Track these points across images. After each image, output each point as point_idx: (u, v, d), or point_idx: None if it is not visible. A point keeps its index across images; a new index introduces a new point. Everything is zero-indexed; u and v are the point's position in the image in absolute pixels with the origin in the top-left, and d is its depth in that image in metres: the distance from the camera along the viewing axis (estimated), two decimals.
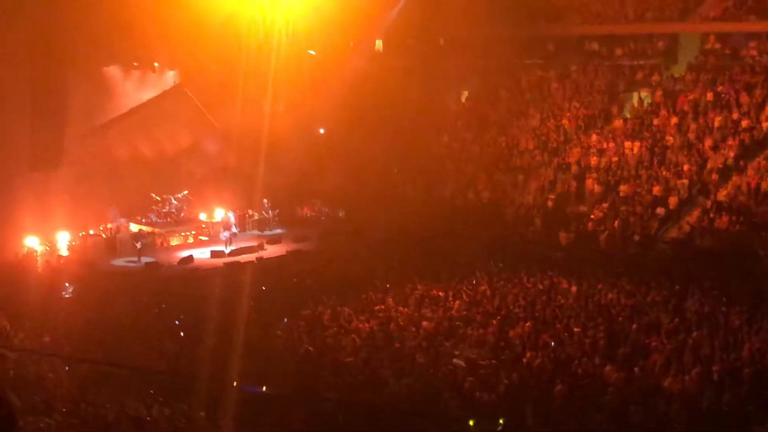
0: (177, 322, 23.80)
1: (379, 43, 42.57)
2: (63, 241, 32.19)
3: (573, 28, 43.62)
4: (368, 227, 34.84)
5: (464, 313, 22.89)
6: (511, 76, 44.09)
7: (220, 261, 31.96)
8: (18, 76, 29.90)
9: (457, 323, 21.96)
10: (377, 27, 41.22)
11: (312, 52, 38.87)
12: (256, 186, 37.14)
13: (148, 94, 38.60)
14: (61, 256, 31.44)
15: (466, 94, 45.67)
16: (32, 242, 30.93)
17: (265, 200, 38.29)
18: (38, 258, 30.65)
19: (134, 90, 38.08)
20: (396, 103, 40.58)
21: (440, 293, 25.42)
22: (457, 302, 23.91)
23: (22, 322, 22.15)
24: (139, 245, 32.24)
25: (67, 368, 16.95)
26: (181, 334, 22.44)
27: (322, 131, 43.59)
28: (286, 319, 23.47)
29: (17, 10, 29.09)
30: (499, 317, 22.13)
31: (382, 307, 24.14)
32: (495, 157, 39.71)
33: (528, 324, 21.20)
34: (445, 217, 35.27)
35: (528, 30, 42.31)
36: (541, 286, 25.85)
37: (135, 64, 37.59)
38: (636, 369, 17.94)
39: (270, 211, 38.40)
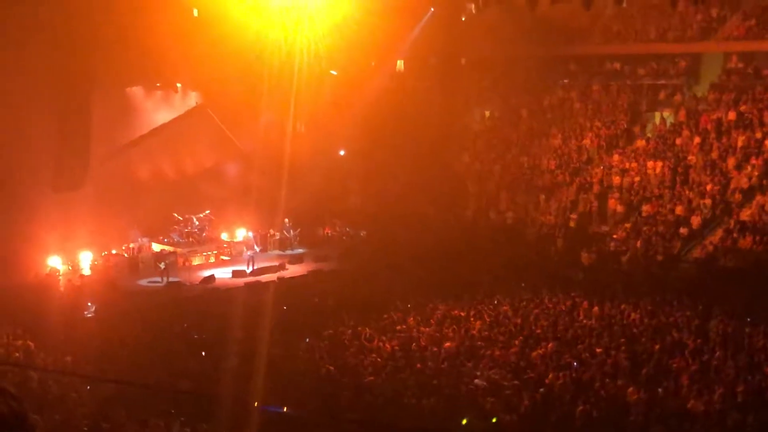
0: (195, 336, 23.92)
1: (400, 63, 42.63)
2: (86, 260, 32.35)
3: (595, 47, 43.63)
4: (389, 247, 34.86)
5: (486, 333, 22.86)
6: (532, 96, 44.10)
7: (241, 281, 32.03)
8: (42, 97, 30.16)
9: (479, 343, 21.92)
10: (398, 47, 41.32)
11: (333, 73, 39.02)
12: (278, 206, 37.23)
13: (170, 114, 38.82)
14: (84, 275, 31.56)
15: (487, 113, 45.71)
16: (55, 262, 31.11)
17: (286, 220, 38.40)
18: (61, 277, 30.79)
19: (157, 110, 38.30)
20: (417, 123, 40.64)
21: (462, 313, 25.41)
22: (479, 322, 23.89)
23: (45, 341, 22.27)
24: (162, 265, 32.35)
25: (88, 387, 17.04)
26: (203, 353, 22.51)
27: (342, 153, 43.68)
28: (307, 339, 23.51)
29: (41, 32, 29.41)
30: (521, 338, 22.08)
31: (404, 327, 24.15)
32: (517, 177, 39.70)
33: (550, 344, 21.14)
34: (467, 236, 35.25)
35: (549, 50, 42.33)
36: (563, 307, 25.78)
37: (158, 84, 37.85)
38: (659, 390, 17.83)
39: (291, 231, 38.51)
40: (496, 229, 36.54)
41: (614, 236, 33.63)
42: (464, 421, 13.17)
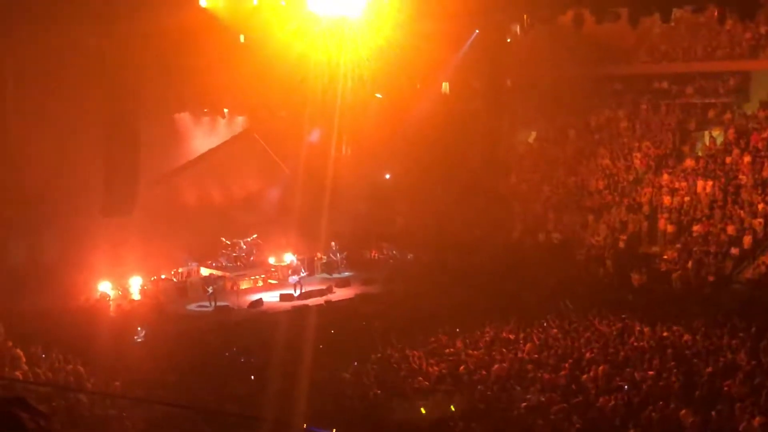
0: (242, 360, 24.05)
1: (445, 86, 42.69)
2: (135, 285, 32.65)
3: (641, 66, 43.32)
4: (437, 269, 34.80)
5: (535, 356, 22.70)
6: (579, 117, 43.88)
7: (289, 304, 32.13)
8: (91, 123, 30.65)
9: (528, 367, 21.77)
10: (443, 70, 41.40)
11: (378, 96, 39.18)
12: (324, 229, 37.38)
13: (217, 139, 39.23)
14: (133, 300, 31.89)
15: (533, 134, 45.56)
16: (105, 287, 31.45)
17: (333, 243, 38.49)
18: (111, 302, 31.11)
19: (204, 136, 38.75)
20: (463, 145, 40.65)
21: (510, 336, 25.27)
22: (528, 345, 23.73)
23: (95, 365, 22.51)
24: (210, 290, 32.54)
25: (137, 410, 17.16)
26: (251, 377, 22.62)
27: (388, 176, 43.78)
28: (355, 363, 23.51)
29: (91, 59, 29.92)
30: (570, 360, 21.89)
31: (452, 350, 24.06)
32: (564, 198, 39.46)
33: (601, 367, 20.91)
34: (514, 258, 35.08)
35: (596, 70, 42.13)
36: (613, 329, 25.50)
37: (205, 110, 38.29)
38: (712, 413, 17.55)
39: (338, 254, 38.57)
40: (543, 250, 36.33)
41: (665, 257, 33.26)
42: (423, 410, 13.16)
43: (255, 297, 33.07)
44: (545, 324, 26.59)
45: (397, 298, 32.20)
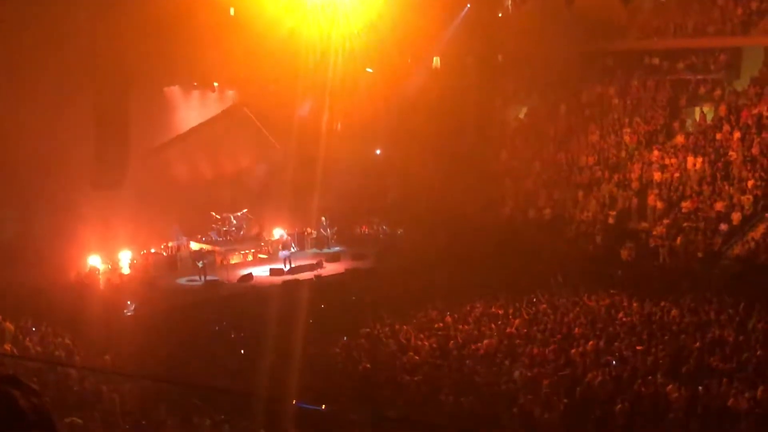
0: (232, 335, 24.12)
1: (436, 60, 42.56)
2: (125, 259, 32.67)
3: (633, 43, 43.19)
4: (427, 245, 34.83)
5: (524, 331, 22.80)
6: (570, 92, 43.79)
7: (279, 279, 32.18)
8: (81, 96, 30.49)
9: (517, 341, 21.86)
10: (435, 44, 41.28)
11: (369, 70, 39.06)
12: (315, 204, 37.35)
13: (207, 113, 39.09)
14: (123, 274, 31.89)
15: (525, 110, 45.48)
16: (95, 261, 31.42)
17: (323, 218, 38.50)
18: (101, 276, 31.11)
19: (194, 110, 38.61)
20: (454, 120, 40.56)
21: (500, 311, 25.37)
22: (517, 320, 23.83)
23: (84, 340, 22.53)
24: (200, 264, 32.54)
25: (128, 386, 17.19)
26: (241, 351, 22.67)
27: (378, 151, 43.71)
28: (345, 338, 23.58)
29: (79, 31, 29.73)
30: (559, 335, 21.99)
31: (441, 325, 24.14)
32: (555, 174, 39.45)
33: (590, 342, 21.03)
34: (505, 234, 35.11)
35: (587, 46, 42.03)
36: (602, 304, 25.62)
37: (195, 84, 38.13)
38: (699, 388, 17.67)
39: (328, 230, 38.59)
40: (534, 226, 36.37)
41: (654, 233, 33.34)
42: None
43: (245, 271, 33.11)
44: (534, 299, 26.69)
45: (388, 273, 32.28)
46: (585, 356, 20.20)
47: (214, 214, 37.19)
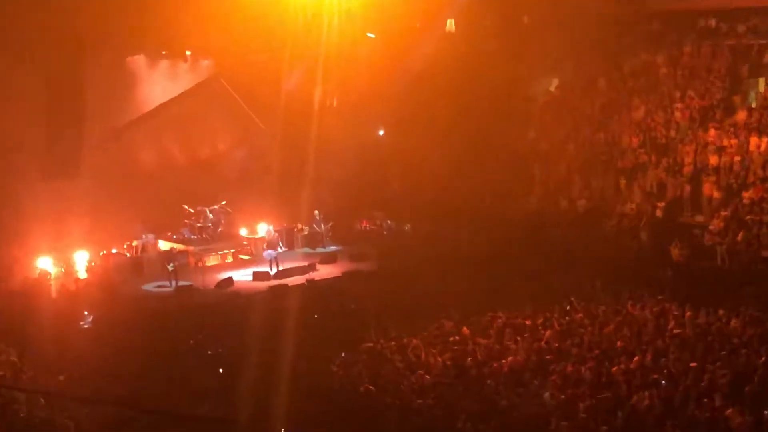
0: (209, 351, 24.13)
1: (450, 23, 42.52)
2: (81, 261, 32.68)
3: (685, 2, 43.09)
4: (439, 243, 34.81)
5: (556, 345, 22.76)
6: (610, 61, 43.70)
7: (264, 284, 32.21)
8: (28, 66, 30.48)
9: (548, 357, 21.84)
10: (449, 4, 41.24)
11: (370, 36, 39.03)
12: (306, 195, 37.37)
13: (179, 88, 39.09)
14: (80, 279, 31.90)
15: (556, 82, 45.38)
16: (46, 263, 31.44)
17: (316, 212, 38.48)
18: (53, 282, 31.12)
19: (163, 83, 38.61)
20: (471, 95, 40.52)
21: (527, 321, 25.31)
22: (548, 332, 23.78)
23: (34, 357, 22.53)
24: (170, 267, 32.58)
25: (85, 411, 17.20)
26: (220, 370, 22.68)
27: (381, 132, 43.68)
28: (343, 354, 23.58)
29: None
30: (598, 350, 21.97)
31: (457, 338, 24.11)
32: (592, 158, 39.38)
33: (635, 358, 21.00)
34: (532, 230, 35.06)
35: (631, 5, 41.93)
36: (648, 313, 25.56)
37: (163, 53, 38.12)
38: (765, 412, 17.65)
39: (322, 225, 38.58)
40: (567, 220, 36.32)
41: (710, 228, 33.28)
42: None
43: (224, 275, 33.13)
44: (568, 307, 26.63)
45: (393, 276, 32.25)
46: (628, 375, 20.17)
47: (186, 207, 37.22)
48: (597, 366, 20.77)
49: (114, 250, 34.57)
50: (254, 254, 36.55)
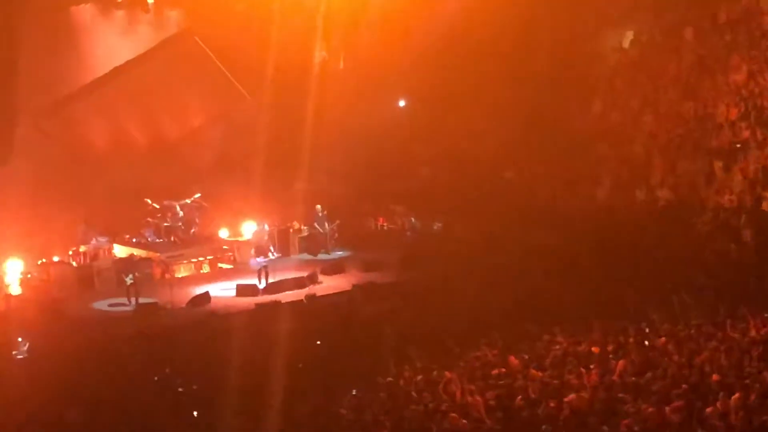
0: (180, 388, 24.14)
1: None
2: (13, 273, 32.72)
3: None
4: (477, 247, 34.79)
5: (632, 379, 22.69)
6: (700, 7, 43.63)
7: (250, 301, 32.16)
8: None
9: (621, 395, 21.76)
10: None
11: None
12: (304, 185, 37.37)
13: (139, 46, 39.06)
14: (11, 295, 31.92)
15: (630, 36, 45.30)
16: None
17: (318, 207, 38.47)
18: None
19: (118, 41, 38.57)
20: (520, 55, 40.49)
21: (594, 348, 25.25)
22: (621, 362, 23.70)
23: None
24: (129, 279, 32.51)
25: None
26: (194, 413, 22.68)
27: (402, 104, 43.67)
28: (354, 391, 23.56)
29: None
30: (687, 385, 21.88)
31: (504, 370, 24.06)
32: (677, 135, 39.31)
33: (735, 395, 20.91)
34: (600, 228, 35.05)
35: None
36: (755, 335, 25.47)
37: (118, 1, 38.08)
38: None
39: (326, 224, 38.56)
40: (645, 215, 36.26)
41: None
42: None
43: (199, 290, 33.13)
44: (647, 329, 26.57)
45: (418, 290, 32.21)
46: (727, 418, 20.09)
47: (149, 202, 37.24)
48: (685, 406, 20.68)
49: (56, 258, 34.58)
50: (238, 262, 36.55)
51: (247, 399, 21.74)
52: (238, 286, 33.54)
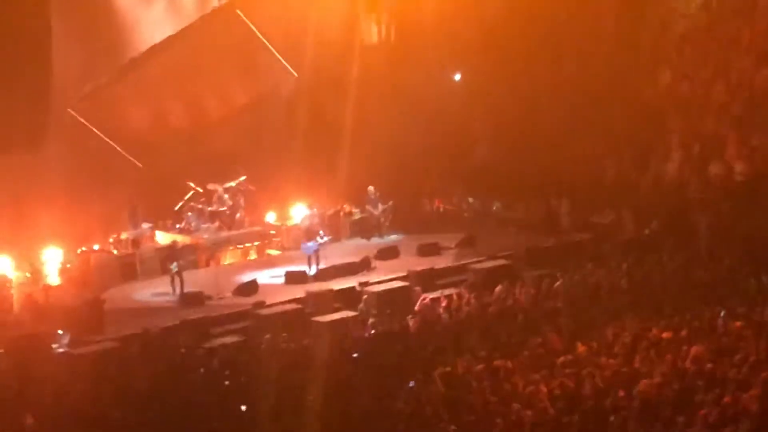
0: (227, 383, 24.13)
1: None
2: (52, 262, 32.84)
3: None
4: (541, 227, 34.69)
5: (708, 366, 22.56)
6: None
7: (300, 289, 32.11)
8: None
9: (697, 383, 21.65)
10: None
11: None
12: (355, 166, 37.35)
13: (178, 23, 39.06)
14: (50, 286, 32.01)
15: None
16: (4, 265, 31.64)
17: (370, 188, 38.44)
18: (13, 291, 31.28)
19: (157, 17, 38.57)
20: (582, 21, 40.28)
21: (665, 334, 25.11)
22: (695, 348, 23.57)
23: None
24: (174, 267, 32.51)
25: None
26: (242, 408, 22.67)
27: (458, 77, 43.55)
28: (412, 383, 23.54)
29: None
30: (766, 373, 21.74)
31: (570, 357, 23.98)
32: (754, 104, 38.98)
33: None
34: (670, 207, 34.86)
35: None
36: None
37: None
38: None
39: (379, 206, 38.50)
40: (719, 192, 36.00)
41: None
42: None
43: (246, 277, 33.17)
44: (723, 313, 26.39)
45: (477, 276, 32.12)
46: None
47: (193, 185, 37.31)
48: (764, 394, 20.55)
49: (96, 246, 34.70)
50: (286, 248, 36.59)
51: (305, 391, 21.78)
52: (287, 272, 33.61)
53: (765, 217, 34.22)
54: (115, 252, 35.06)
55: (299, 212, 37.36)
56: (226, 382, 23.83)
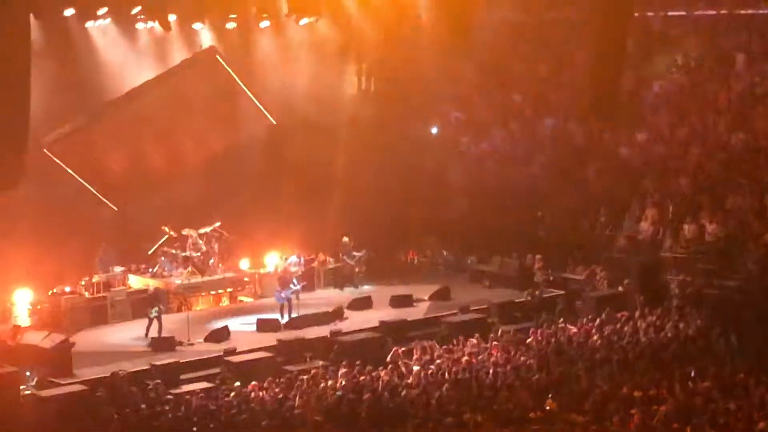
0: None
1: None
2: (22, 305, 32.74)
3: None
4: (510, 282, 34.90)
5: (674, 426, 22.67)
6: (751, 29, 43.55)
7: (272, 337, 32.08)
8: None
9: None
10: None
11: None
12: (332, 215, 37.44)
13: (158, 65, 39.10)
14: (20, 328, 31.85)
15: (679, 61, 45.14)
16: None
17: (345, 238, 38.52)
18: None
19: (137, 59, 38.62)
20: (560, 76, 40.57)
21: (636, 392, 25.19)
22: (664, 407, 23.68)
23: None
24: (153, 312, 32.27)
25: None
26: None
27: (435, 130, 43.76)
28: None
29: None
30: None
31: (539, 413, 24.07)
32: (727, 168, 39.18)
33: None
34: (642, 264, 35.08)
35: None
36: None
37: (139, 16, 38.09)
38: None
39: (354, 256, 38.57)
40: (691, 253, 36.19)
41: None
42: None
43: (218, 324, 33.15)
44: (692, 374, 26.48)
45: (453, 331, 32.14)
46: None
47: (166, 229, 37.27)
48: None
49: (68, 289, 34.62)
50: (259, 295, 36.60)
51: None
52: (259, 320, 33.60)
53: (736, 278, 34.46)
54: (86, 294, 34.95)
55: (272, 259, 37.37)
56: (194, 429, 23.77)
